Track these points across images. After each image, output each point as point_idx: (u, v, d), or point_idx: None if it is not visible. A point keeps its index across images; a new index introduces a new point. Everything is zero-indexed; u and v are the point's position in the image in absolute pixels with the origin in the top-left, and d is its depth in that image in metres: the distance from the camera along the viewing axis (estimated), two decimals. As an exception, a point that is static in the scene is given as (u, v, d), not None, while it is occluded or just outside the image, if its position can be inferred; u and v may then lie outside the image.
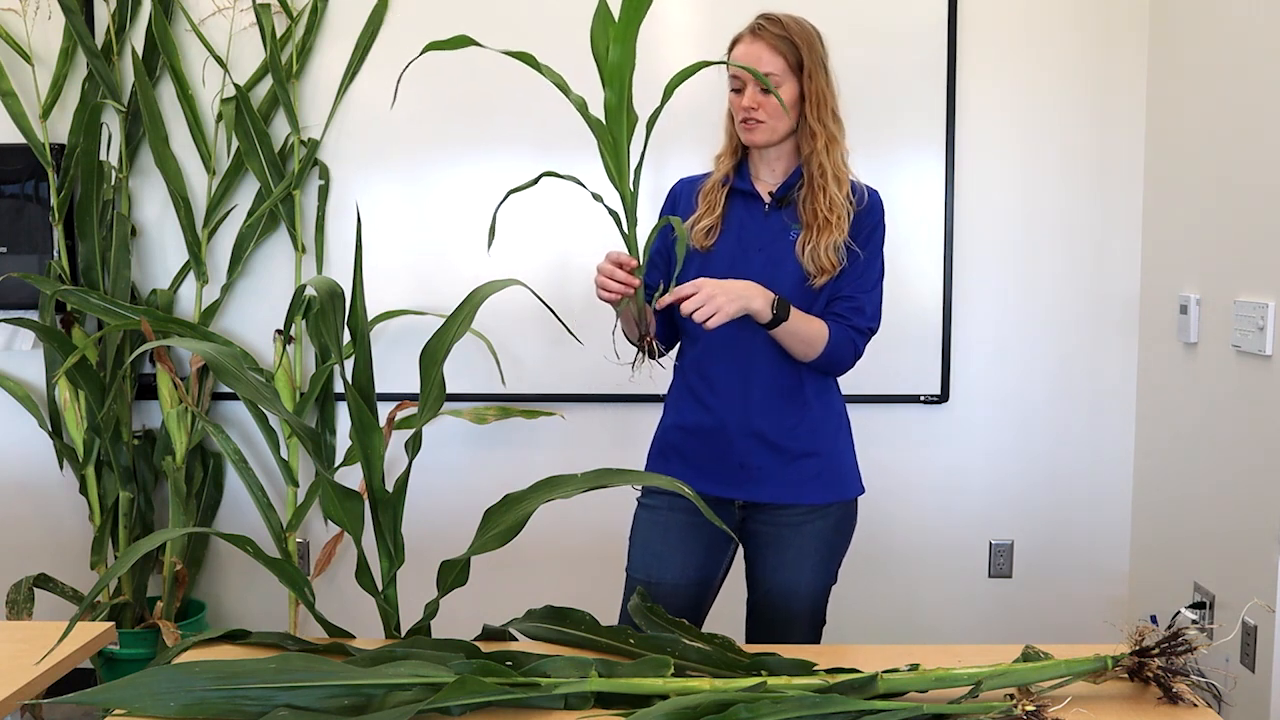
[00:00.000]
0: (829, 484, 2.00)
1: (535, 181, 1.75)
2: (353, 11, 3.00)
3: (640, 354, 1.85)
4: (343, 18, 3.01)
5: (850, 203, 1.93)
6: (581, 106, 1.67)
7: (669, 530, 2.00)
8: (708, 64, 1.69)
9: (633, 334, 1.92)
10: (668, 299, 1.78)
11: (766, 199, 1.97)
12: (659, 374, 2.11)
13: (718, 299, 1.77)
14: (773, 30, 1.90)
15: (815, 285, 1.91)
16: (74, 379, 2.93)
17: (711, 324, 1.77)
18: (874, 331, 1.98)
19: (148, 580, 3.08)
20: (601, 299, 1.80)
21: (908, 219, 2.97)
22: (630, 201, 1.70)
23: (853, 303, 1.94)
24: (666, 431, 2.06)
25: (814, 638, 2.02)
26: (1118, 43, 2.98)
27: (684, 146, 2.17)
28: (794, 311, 1.87)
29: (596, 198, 1.74)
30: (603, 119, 1.66)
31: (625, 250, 1.76)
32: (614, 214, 1.73)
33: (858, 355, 1.97)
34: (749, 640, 2.05)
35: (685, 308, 1.77)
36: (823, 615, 2.04)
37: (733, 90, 1.93)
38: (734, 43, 1.94)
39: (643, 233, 1.76)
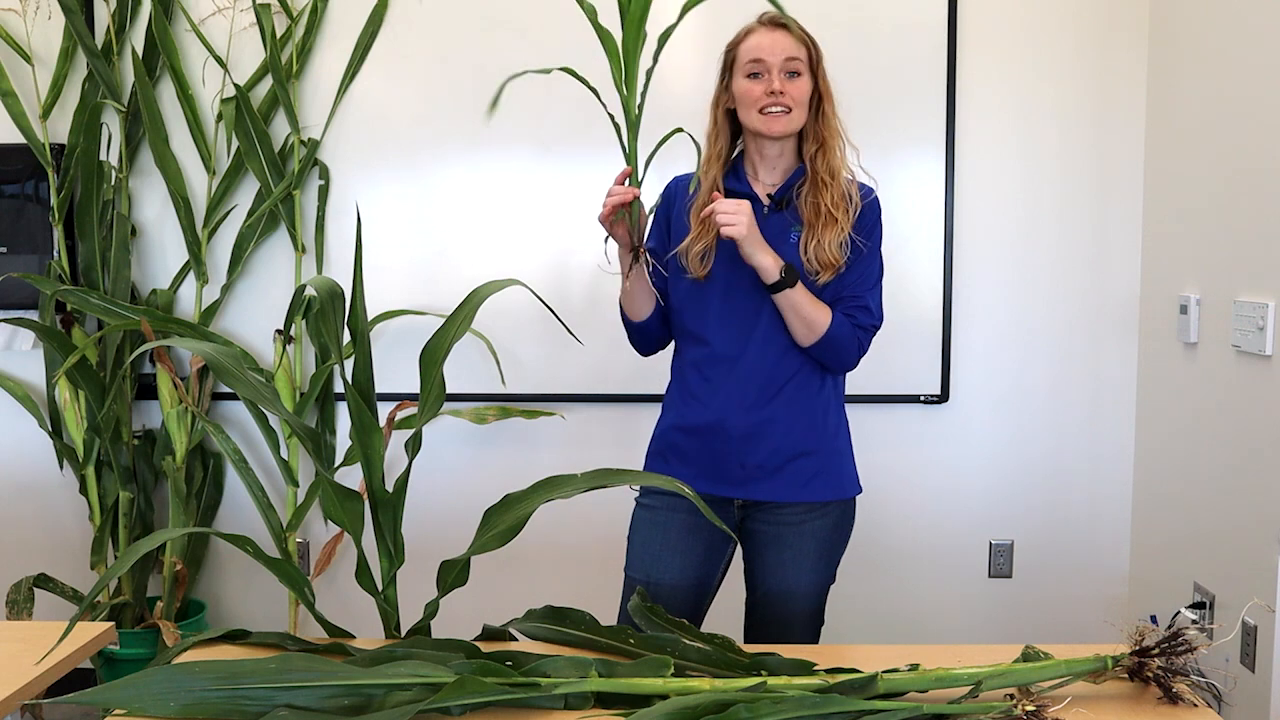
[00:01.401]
0: (828, 483, 2.00)
1: (549, 71, 1.81)
2: (353, 11, 3.00)
3: (634, 264, 1.88)
4: (343, 18, 3.01)
5: (852, 199, 1.93)
6: (592, 15, 1.70)
7: (668, 531, 2.00)
8: None
9: (636, 313, 1.97)
10: (709, 209, 1.84)
11: (765, 200, 1.96)
12: (659, 374, 2.12)
13: (743, 219, 1.82)
14: (793, 23, 1.90)
15: (819, 283, 1.91)
16: (74, 379, 2.93)
17: (726, 232, 1.82)
18: (877, 329, 1.98)
19: (148, 580, 3.08)
20: (602, 220, 1.83)
21: (908, 219, 2.97)
22: (633, 116, 1.73)
23: (857, 301, 1.94)
24: (665, 431, 2.05)
25: (813, 637, 2.02)
26: (1118, 43, 2.98)
27: (687, 149, 2.16)
28: (800, 287, 1.87)
29: (611, 117, 1.77)
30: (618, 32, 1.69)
31: (626, 167, 1.79)
32: (615, 123, 1.75)
33: (862, 351, 1.97)
34: (748, 640, 2.05)
35: (717, 207, 1.83)
36: (821, 615, 2.04)
37: (748, 76, 1.89)
38: (746, 33, 1.92)
39: (644, 149, 1.79)
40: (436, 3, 2.99)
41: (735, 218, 1.81)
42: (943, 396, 3.06)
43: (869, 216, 1.95)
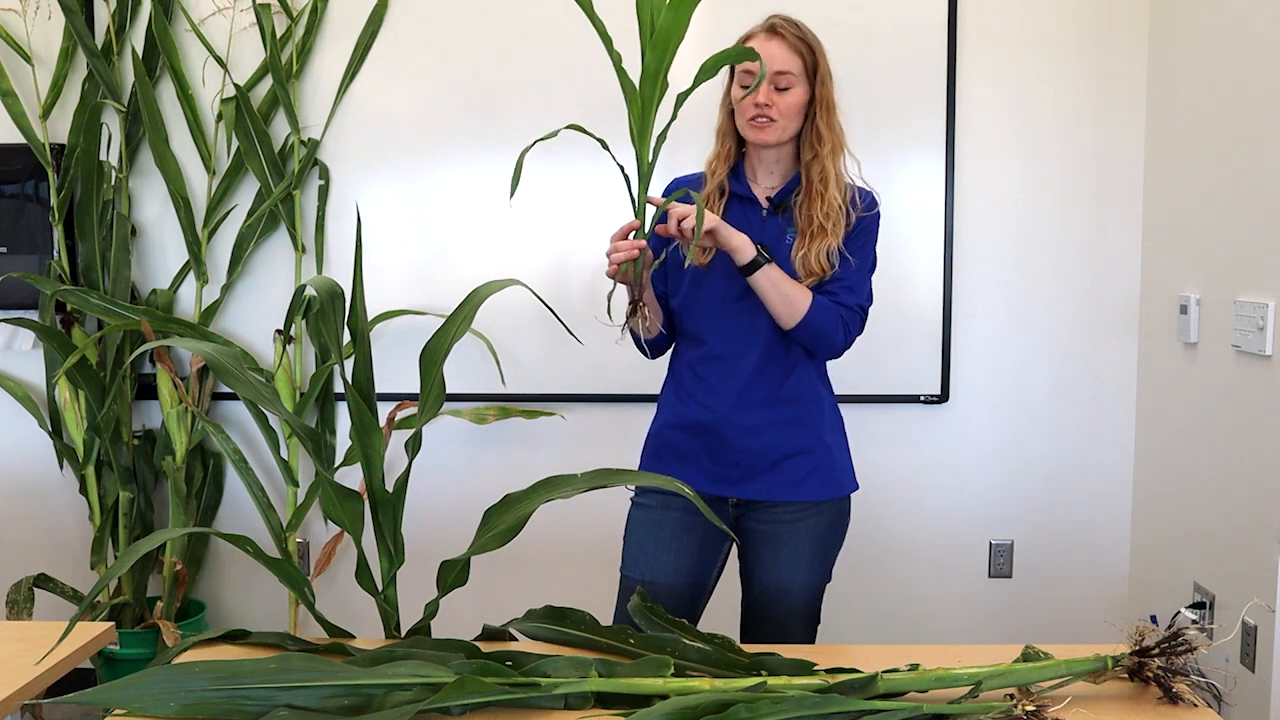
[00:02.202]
0: (823, 481, 2.00)
1: (555, 134, 1.77)
2: (353, 11, 3.00)
3: (630, 317, 1.85)
4: (343, 18, 3.01)
5: (849, 208, 1.92)
6: (618, 62, 1.68)
7: (663, 529, 2.00)
8: (746, 55, 1.69)
9: (646, 331, 1.95)
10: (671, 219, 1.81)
11: (764, 203, 1.96)
12: (658, 373, 2.12)
13: (704, 213, 1.78)
14: (791, 31, 1.89)
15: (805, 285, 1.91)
16: (74, 379, 2.93)
17: (688, 225, 1.78)
18: (864, 310, 1.97)
19: (148, 580, 3.08)
20: (609, 275, 1.79)
21: (908, 219, 2.97)
22: (646, 166, 1.71)
23: (843, 282, 1.93)
24: (660, 430, 2.06)
25: (809, 636, 2.03)
26: (1118, 43, 2.98)
27: (688, 151, 2.16)
28: (776, 266, 1.87)
29: (620, 168, 1.75)
30: (637, 79, 1.67)
31: (633, 220, 1.76)
32: (626, 177, 1.73)
33: (849, 333, 1.95)
34: (744, 639, 2.05)
35: (675, 212, 1.79)
36: (817, 614, 2.04)
37: (743, 87, 1.91)
38: (746, 39, 1.92)
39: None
40: (437, 3, 2.99)
41: (692, 214, 1.78)
42: (943, 396, 3.06)
43: (866, 219, 1.95)
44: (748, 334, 1.94)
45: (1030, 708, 1.34)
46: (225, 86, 3.01)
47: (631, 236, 1.78)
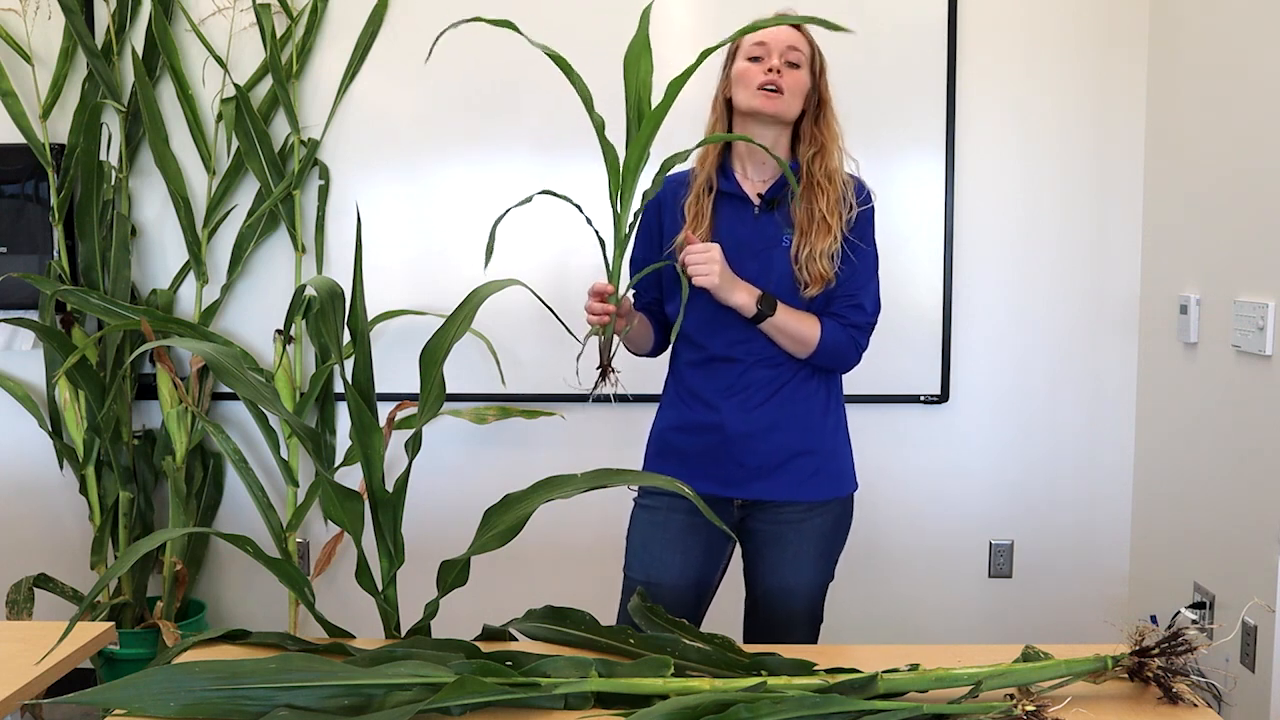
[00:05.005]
0: (827, 481, 2.00)
1: (529, 200, 1.80)
2: (353, 11, 3.00)
3: (598, 383, 1.86)
4: (343, 18, 3.01)
5: (847, 203, 1.92)
6: (600, 127, 1.70)
7: (667, 530, 2.00)
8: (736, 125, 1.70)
9: (639, 348, 2.03)
10: (685, 246, 1.86)
11: (756, 200, 1.96)
12: (658, 374, 2.12)
13: (715, 268, 1.82)
14: (799, 23, 1.90)
15: (807, 295, 1.91)
16: (74, 379, 2.93)
17: (700, 283, 1.83)
18: (873, 325, 1.98)
19: (148, 580, 3.08)
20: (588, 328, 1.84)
21: (908, 219, 2.97)
22: (623, 234, 1.73)
23: (851, 300, 1.94)
24: (663, 432, 2.06)
25: (812, 636, 2.02)
26: (1118, 43, 2.98)
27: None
28: (782, 308, 1.88)
29: (594, 229, 1.78)
30: (623, 143, 1.69)
31: (606, 278, 1.78)
32: (601, 241, 1.75)
33: (860, 350, 1.97)
34: (747, 639, 2.06)
35: (688, 256, 1.83)
36: (820, 613, 2.04)
37: (749, 59, 1.90)
38: (752, 26, 1.92)
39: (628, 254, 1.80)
40: (437, 3, 2.99)
41: (707, 268, 1.82)
42: (943, 396, 3.06)
43: (863, 220, 1.95)
44: (746, 336, 1.93)
45: (1030, 708, 1.34)
46: (225, 86, 3.01)
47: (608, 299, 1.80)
